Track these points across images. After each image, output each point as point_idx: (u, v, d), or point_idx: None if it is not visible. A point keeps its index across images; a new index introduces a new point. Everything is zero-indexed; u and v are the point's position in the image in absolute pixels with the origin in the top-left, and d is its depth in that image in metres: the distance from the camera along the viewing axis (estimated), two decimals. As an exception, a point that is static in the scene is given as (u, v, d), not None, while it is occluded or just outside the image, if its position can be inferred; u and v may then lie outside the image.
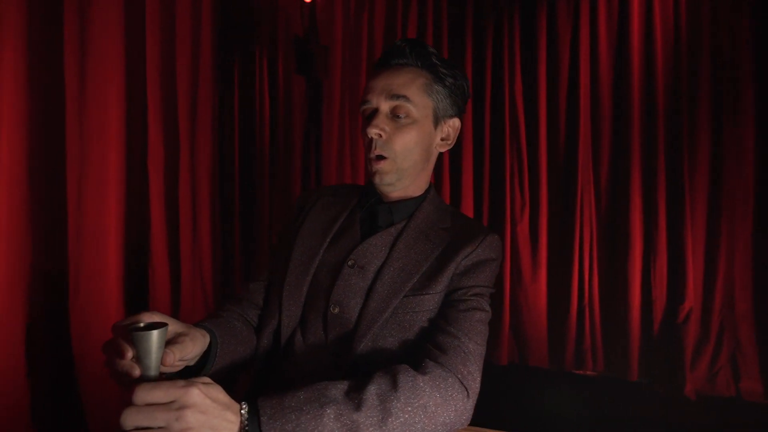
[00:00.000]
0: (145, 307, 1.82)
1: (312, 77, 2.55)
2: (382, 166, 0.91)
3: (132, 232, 1.76)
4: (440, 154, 1.06)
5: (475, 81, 2.79)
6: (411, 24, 2.69)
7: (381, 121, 0.90)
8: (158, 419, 0.57)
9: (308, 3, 2.48)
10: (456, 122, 0.99)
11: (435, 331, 0.82)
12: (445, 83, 0.94)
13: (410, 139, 0.91)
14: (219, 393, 0.62)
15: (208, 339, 0.80)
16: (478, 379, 0.79)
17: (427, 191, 1.00)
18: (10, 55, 1.42)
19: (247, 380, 0.94)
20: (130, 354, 0.63)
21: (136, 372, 0.62)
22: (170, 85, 1.86)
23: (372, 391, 0.70)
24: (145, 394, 0.57)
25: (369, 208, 0.99)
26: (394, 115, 0.91)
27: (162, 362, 0.64)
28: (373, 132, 0.90)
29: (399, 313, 0.85)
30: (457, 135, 1.00)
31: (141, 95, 1.77)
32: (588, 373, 2.62)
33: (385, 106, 0.91)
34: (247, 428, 0.63)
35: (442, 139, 0.98)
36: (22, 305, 1.47)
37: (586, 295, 2.65)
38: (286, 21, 2.49)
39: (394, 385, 0.71)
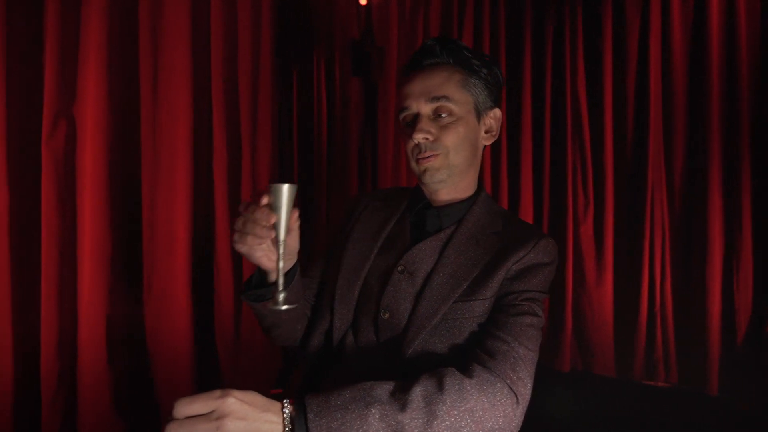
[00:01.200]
0: (211, 303, 1.94)
1: (368, 79, 2.59)
2: (432, 162, 0.91)
3: (198, 233, 1.88)
4: (488, 150, 1.04)
5: (534, 75, 2.71)
6: (467, 20, 2.66)
7: (425, 124, 0.90)
8: (200, 430, 0.60)
9: (364, 5, 2.53)
10: (497, 112, 0.97)
11: (484, 336, 0.82)
12: (481, 75, 0.93)
13: (459, 135, 0.91)
14: (255, 397, 0.65)
15: (295, 261, 0.86)
16: (529, 385, 0.78)
17: (477, 194, 0.98)
18: (93, 69, 1.57)
19: (297, 379, 0.98)
20: (266, 200, 0.72)
21: (272, 218, 0.72)
22: (233, 92, 1.97)
23: (417, 393, 0.70)
24: (184, 408, 0.61)
25: (418, 212, 1.00)
26: (436, 116, 0.91)
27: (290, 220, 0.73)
28: (419, 137, 0.90)
29: (448, 319, 0.85)
30: (500, 125, 0.98)
31: (206, 104, 1.89)
32: (660, 384, 2.46)
33: (426, 109, 0.91)
34: (290, 426, 0.65)
35: (486, 132, 0.97)
36: (103, 298, 1.62)
37: (658, 301, 2.49)
38: (343, 24, 2.55)
39: (440, 387, 0.72)
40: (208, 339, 1.92)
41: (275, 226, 0.73)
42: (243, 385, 1.92)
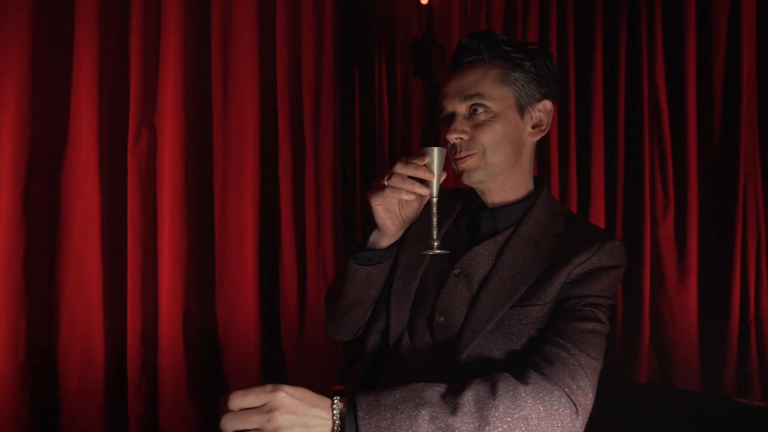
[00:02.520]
0: (276, 300, 2.04)
1: (429, 78, 2.59)
2: (468, 162, 0.89)
3: (265, 233, 1.98)
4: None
5: (606, 65, 2.57)
6: (532, 13, 2.58)
7: (459, 124, 0.89)
8: (252, 422, 0.63)
9: (425, 5, 2.53)
10: (546, 105, 0.92)
11: (542, 342, 0.80)
12: (524, 68, 0.89)
13: (496, 133, 0.88)
14: (306, 393, 0.67)
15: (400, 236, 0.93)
16: (591, 395, 0.75)
17: (535, 194, 0.95)
18: (171, 82, 1.71)
19: (355, 377, 1.01)
20: (426, 159, 0.80)
21: (431, 177, 0.80)
22: (297, 97, 2.06)
23: (469, 397, 0.70)
24: (238, 400, 0.64)
25: (473, 214, 0.99)
26: (471, 114, 0.89)
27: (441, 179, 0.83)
28: (453, 137, 0.89)
29: (505, 325, 0.83)
30: (550, 118, 0.94)
31: (272, 110, 1.99)
32: (755, 403, 2.25)
33: (461, 108, 0.90)
34: (339, 423, 0.67)
35: (533, 127, 0.93)
36: (180, 293, 1.76)
37: (752, 309, 2.27)
38: (404, 24, 2.57)
39: (493, 392, 0.71)
40: (273, 335, 2.03)
41: (429, 185, 0.81)
42: (307, 381, 1.99)
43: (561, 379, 0.73)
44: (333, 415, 0.67)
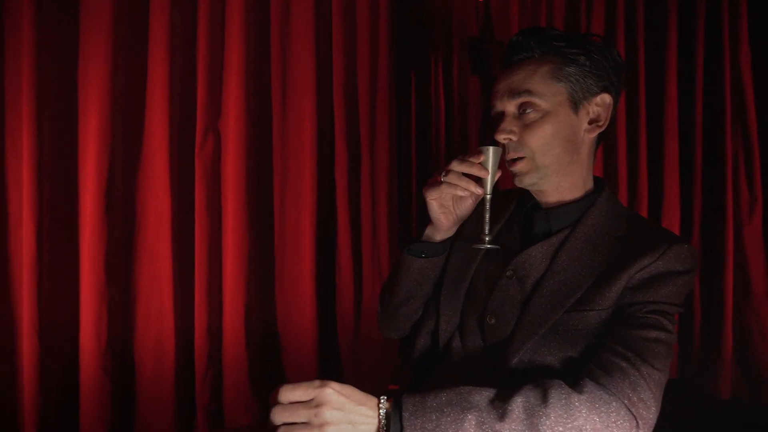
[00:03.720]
0: (333, 298, 2.10)
1: (487, 76, 2.56)
2: (519, 167, 0.89)
3: (322, 232, 2.05)
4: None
5: (681, 57, 2.40)
6: (597, 5, 2.47)
7: (508, 123, 0.88)
8: (300, 415, 0.66)
9: (482, 1, 2.50)
10: (605, 98, 0.89)
11: (600, 350, 0.77)
12: (579, 62, 0.86)
13: (545, 133, 0.86)
14: (353, 391, 0.69)
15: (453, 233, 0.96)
16: (654, 408, 0.72)
17: (595, 193, 0.92)
18: (234, 90, 1.82)
19: (406, 378, 1.03)
20: (482, 157, 0.84)
21: (485, 174, 0.84)
22: (352, 99, 2.11)
23: (518, 403, 0.69)
24: (288, 394, 0.67)
25: (526, 214, 0.97)
26: (521, 113, 0.88)
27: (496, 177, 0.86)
28: (501, 137, 0.89)
29: (560, 330, 0.81)
30: (610, 113, 0.90)
31: (328, 113, 2.06)
32: None
33: (509, 107, 0.89)
34: (385, 422, 0.68)
35: (590, 123, 0.90)
36: (242, 290, 1.86)
37: None
38: (461, 23, 2.55)
39: (544, 400, 0.69)
40: (330, 332, 2.09)
41: (483, 183, 0.85)
42: (362, 379, 2.04)
43: (620, 389, 0.70)
44: (379, 414, 0.68)
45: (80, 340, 1.58)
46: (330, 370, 2.07)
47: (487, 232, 0.85)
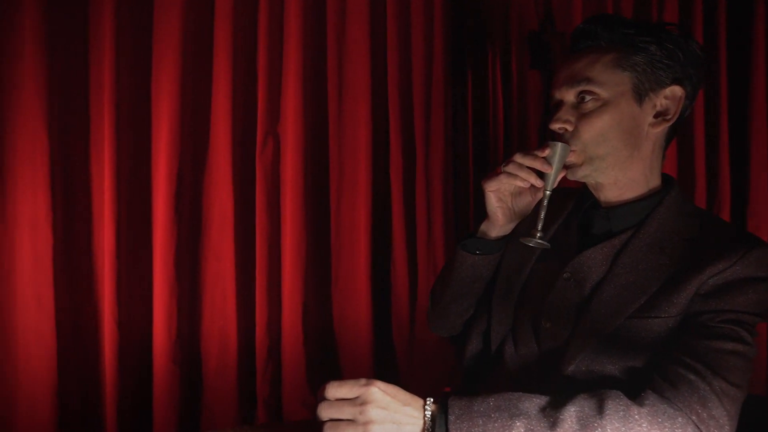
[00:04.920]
0: (388, 298, 2.14)
1: (547, 70, 2.48)
2: (571, 158, 0.85)
3: (377, 233, 2.09)
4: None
5: (768, 46, 2.21)
6: (669, -10, 2.32)
7: (564, 113, 0.85)
8: (346, 412, 0.67)
9: (542, -8, 2.43)
10: (676, 91, 0.84)
11: (667, 361, 0.73)
12: (649, 51, 0.82)
13: (601, 124, 0.82)
14: (398, 391, 0.70)
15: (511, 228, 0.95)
16: (727, 427, 0.68)
17: (662, 192, 0.88)
18: (292, 95, 1.90)
19: (457, 380, 1.03)
20: (548, 152, 0.82)
21: (548, 169, 0.82)
22: (407, 99, 2.14)
23: (572, 413, 0.67)
24: (334, 391, 0.70)
25: (585, 213, 0.94)
26: (579, 103, 0.85)
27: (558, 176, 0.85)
28: (555, 126, 0.86)
29: (621, 337, 0.78)
30: (680, 106, 0.85)
31: (383, 114, 2.10)
32: None
33: (568, 95, 0.86)
34: (430, 424, 0.68)
35: (656, 116, 0.85)
36: (300, 288, 1.94)
37: None
38: (519, 16, 2.49)
39: (600, 410, 0.67)
40: (385, 332, 2.12)
41: (545, 177, 0.83)
42: (418, 379, 2.05)
43: (687, 404, 0.66)
44: (424, 415, 0.69)
45: (153, 331, 1.71)
46: (385, 369, 2.10)
47: (539, 228, 0.83)
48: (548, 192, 0.84)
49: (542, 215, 0.84)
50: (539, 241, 0.83)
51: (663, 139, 0.88)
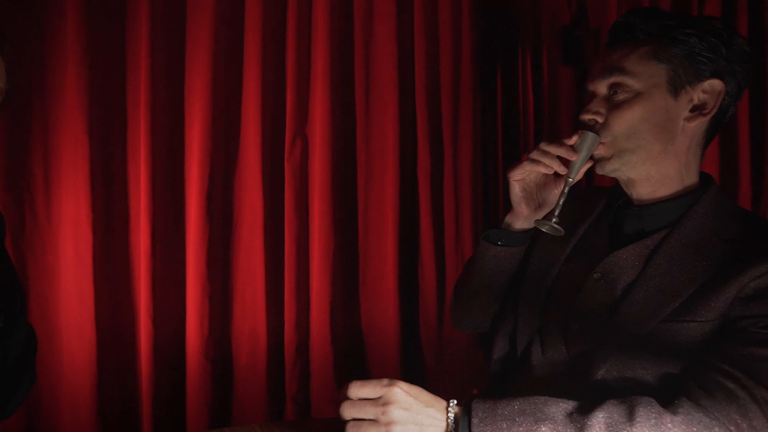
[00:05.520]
0: (416, 299, 2.14)
1: (580, 66, 2.43)
2: (600, 151, 0.84)
3: (404, 233, 2.10)
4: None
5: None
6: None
7: (595, 104, 0.84)
8: (368, 412, 0.68)
9: (575, -12, 2.38)
10: (715, 84, 0.81)
11: (703, 368, 0.71)
12: (689, 43, 0.79)
13: (632, 116, 0.80)
14: (421, 392, 0.71)
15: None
16: None
17: (699, 190, 0.85)
18: (319, 97, 1.93)
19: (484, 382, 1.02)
20: (574, 140, 0.81)
21: (573, 157, 0.81)
22: (434, 99, 2.14)
23: (600, 419, 0.66)
24: (357, 390, 0.71)
25: (616, 212, 0.92)
26: (611, 94, 0.83)
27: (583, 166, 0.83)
28: (585, 117, 0.84)
29: (654, 342, 0.75)
30: (719, 101, 0.81)
31: (410, 115, 2.11)
32: None
33: (600, 87, 0.84)
34: (453, 426, 0.68)
35: (693, 110, 0.82)
36: (327, 287, 1.97)
37: None
38: (551, 12, 2.45)
39: (630, 417, 0.65)
40: (413, 332, 2.13)
41: (569, 164, 0.83)
42: (447, 381, 2.05)
43: (725, 414, 0.64)
44: (447, 417, 0.69)
45: (186, 328, 1.78)
46: (413, 369, 2.11)
47: (556, 214, 0.82)
48: (570, 180, 0.83)
49: (560, 202, 0.83)
50: (554, 226, 0.82)
51: (701, 136, 0.85)
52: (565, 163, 0.83)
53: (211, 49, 1.78)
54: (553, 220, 0.82)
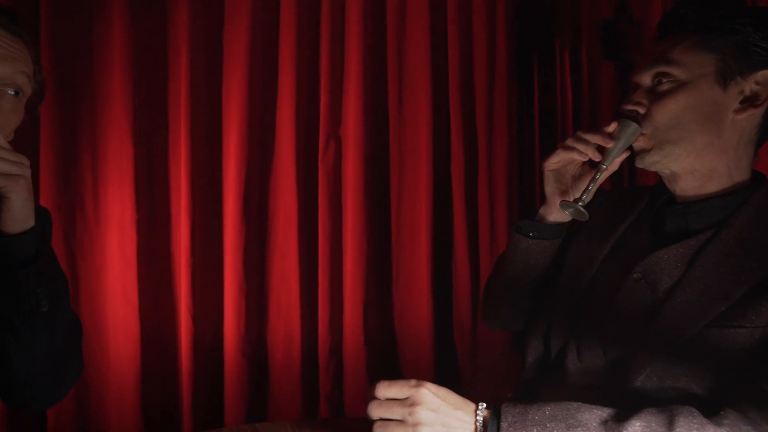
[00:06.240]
0: (449, 298, 2.13)
1: (622, 61, 2.34)
2: (640, 142, 0.81)
3: (438, 232, 2.09)
4: None
5: None
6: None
7: (637, 95, 0.81)
8: (395, 413, 0.67)
9: (616, -21, 2.30)
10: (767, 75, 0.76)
11: (752, 378, 0.67)
12: (743, 32, 0.75)
13: (674, 106, 0.77)
14: (449, 394, 0.70)
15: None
16: None
17: (751, 188, 0.80)
18: (353, 99, 1.95)
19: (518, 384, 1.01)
20: (613, 127, 0.80)
21: (609, 144, 0.80)
22: (469, 98, 2.12)
23: (637, 428, 0.63)
24: (384, 390, 0.70)
25: (659, 210, 0.89)
26: (655, 84, 0.80)
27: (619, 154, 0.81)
28: (626, 107, 0.81)
29: (698, 348, 0.71)
30: None
31: (444, 114, 2.10)
32: None
33: (644, 78, 0.81)
34: (482, 430, 0.67)
35: (743, 101, 0.77)
36: (361, 287, 2.00)
37: None
38: (591, 5, 2.38)
39: (670, 427, 0.63)
40: (447, 333, 2.12)
41: (605, 152, 0.81)
42: (481, 382, 2.03)
43: None
44: (476, 421, 0.68)
45: (224, 326, 1.84)
46: (446, 370, 2.10)
47: (583, 198, 0.80)
48: (604, 167, 0.80)
49: (590, 187, 0.81)
50: (579, 209, 0.78)
51: (754, 132, 0.80)
52: (602, 151, 0.81)
53: (248, 56, 1.83)
54: (580, 203, 0.79)
